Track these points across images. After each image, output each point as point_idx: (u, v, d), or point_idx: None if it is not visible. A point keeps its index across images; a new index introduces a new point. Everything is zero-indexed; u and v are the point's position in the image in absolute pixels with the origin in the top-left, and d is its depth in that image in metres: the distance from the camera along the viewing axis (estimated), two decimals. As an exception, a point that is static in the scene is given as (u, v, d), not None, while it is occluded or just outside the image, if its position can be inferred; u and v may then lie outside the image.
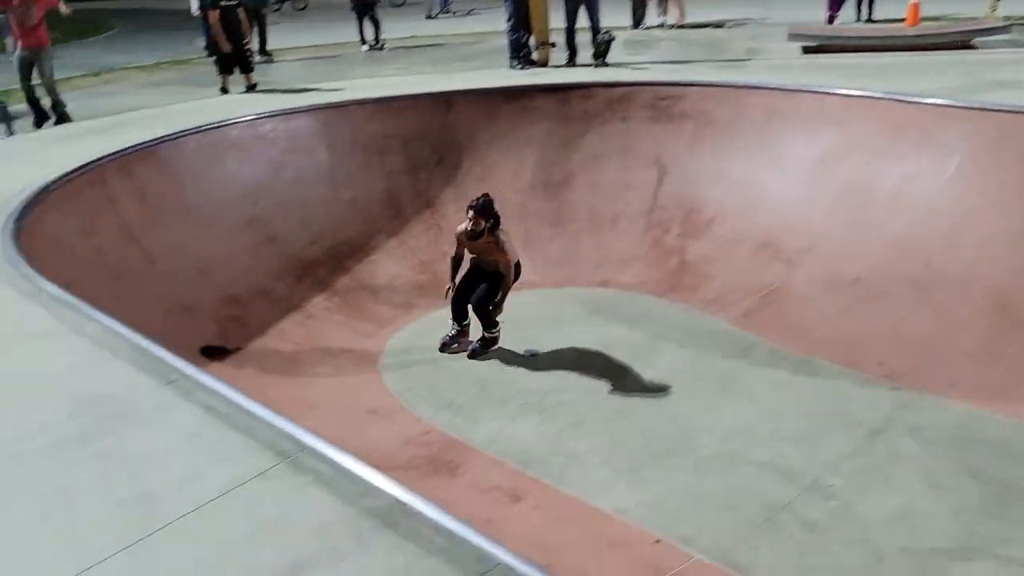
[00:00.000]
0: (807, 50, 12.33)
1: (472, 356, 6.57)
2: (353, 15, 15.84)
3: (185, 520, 2.39)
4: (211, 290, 6.92)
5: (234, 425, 2.88)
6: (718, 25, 17.25)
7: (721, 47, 13.35)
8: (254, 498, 2.47)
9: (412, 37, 17.86)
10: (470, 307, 6.57)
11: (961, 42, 11.94)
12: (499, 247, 6.34)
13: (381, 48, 16.02)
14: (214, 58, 10.83)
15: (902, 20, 13.77)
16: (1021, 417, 5.27)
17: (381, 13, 16.48)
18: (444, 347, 6.72)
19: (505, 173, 8.87)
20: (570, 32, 10.95)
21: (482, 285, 6.50)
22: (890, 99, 7.53)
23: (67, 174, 6.34)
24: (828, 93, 8.04)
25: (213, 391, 3.09)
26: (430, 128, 8.99)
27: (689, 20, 17.05)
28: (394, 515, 2.38)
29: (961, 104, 7.01)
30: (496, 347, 6.66)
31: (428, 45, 16.66)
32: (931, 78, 8.60)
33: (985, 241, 6.34)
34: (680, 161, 8.63)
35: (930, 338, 6.03)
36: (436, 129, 9.01)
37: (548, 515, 4.67)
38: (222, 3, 10.05)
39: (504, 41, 11.46)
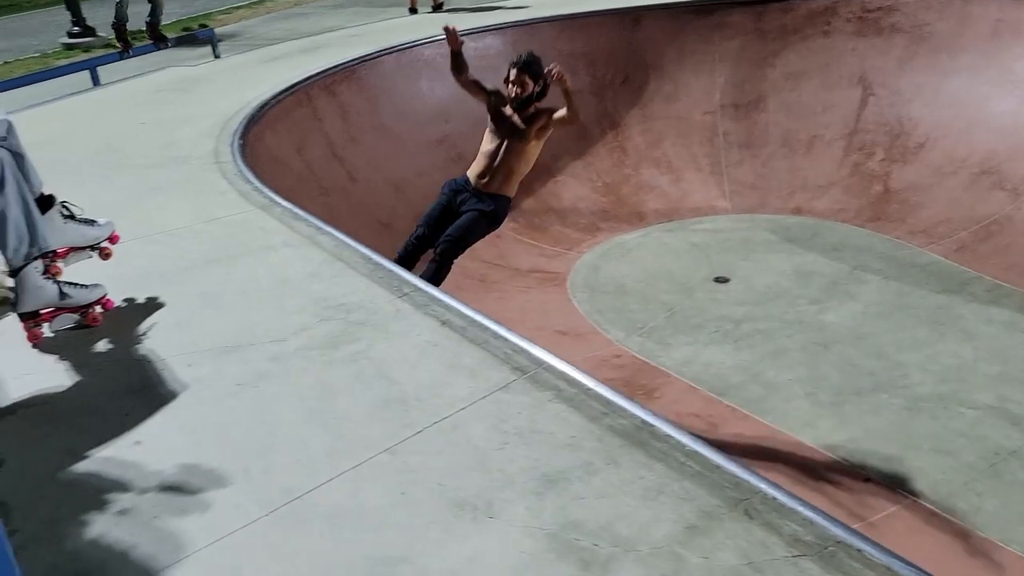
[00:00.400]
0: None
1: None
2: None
3: (439, 426, 2.49)
4: (405, 207, 7.12)
5: (470, 339, 2.96)
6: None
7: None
8: (501, 409, 2.54)
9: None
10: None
11: None
12: (545, 125, 4.74)
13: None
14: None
15: None
16: None
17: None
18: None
19: (694, 92, 8.55)
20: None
21: (467, 215, 4.81)
22: None
23: (278, 93, 6.64)
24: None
25: (447, 305, 3.19)
26: (617, 46, 8.75)
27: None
28: (641, 435, 2.39)
29: None
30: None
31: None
32: None
33: None
34: (888, 79, 8.01)
35: None
36: (623, 47, 8.76)
37: (749, 446, 4.60)
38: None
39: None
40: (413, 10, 10.64)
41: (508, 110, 4.85)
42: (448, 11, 10.43)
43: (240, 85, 7.20)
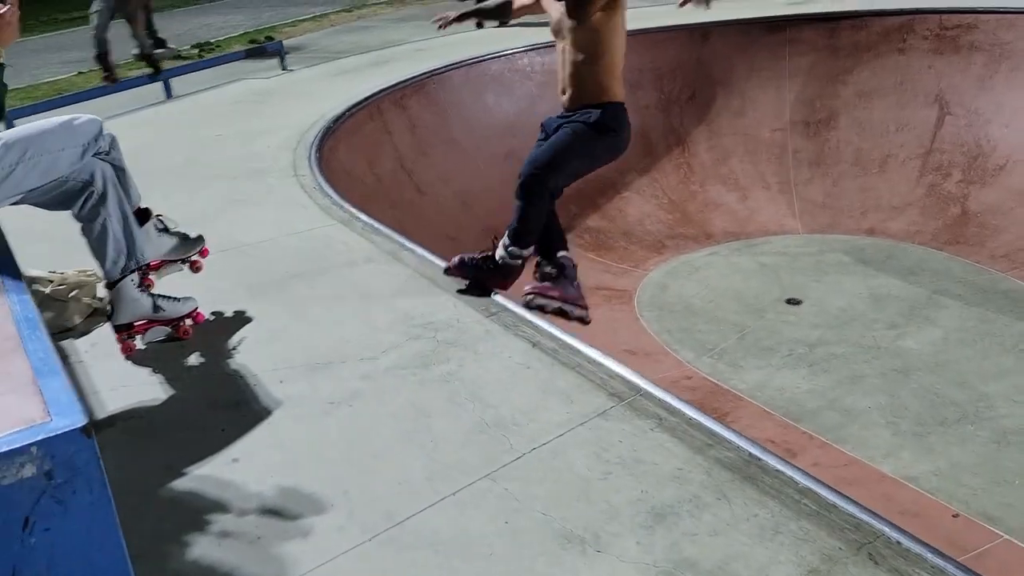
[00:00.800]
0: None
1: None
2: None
3: (538, 452, 2.45)
4: (472, 221, 7.13)
5: (563, 362, 2.92)
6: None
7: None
8: (601, 437, 2.49)
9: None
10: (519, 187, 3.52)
11: None
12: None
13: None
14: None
15: None
16: None
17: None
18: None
19: (763, 109, 8.42)
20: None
21: (557, 133, 3.62)
22: None
23: (351, 107, 6.69)
24: None
25: (537, 327, 3.15)
26: (685, 62, 8.67)
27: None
28: (751, 469, 2.32)
29: None
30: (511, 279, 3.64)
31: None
32: None
33: None
34: (966, 99, 7.79)
35: None
36: (691, 63, 8.67)
37: (830, 475, 4.44)
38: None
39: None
40: (479, 24, 10.68)
41: (549, 6, 3.79)
42: (514, 25, 10.45)
43: (312, 98, 7.29)
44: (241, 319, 3.43)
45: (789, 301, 6.35)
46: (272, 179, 5.20)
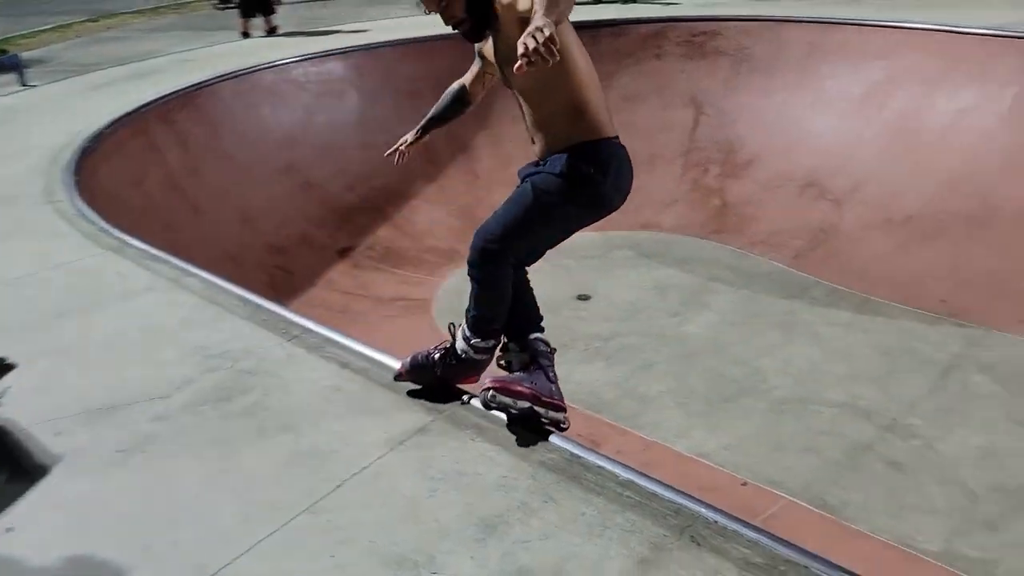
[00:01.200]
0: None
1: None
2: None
3: (360, 477, 2.35)
4: (256, 238, 6.82)
5: (376, 380, 2.83)
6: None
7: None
8: (424, 453, 2.43)
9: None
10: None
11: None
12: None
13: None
14: (236, 1, 10.50)
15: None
16: (1094, 351, 5.32)
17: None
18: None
19: (539, 115, 8.70)
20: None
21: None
22: (940, 30, 7.40)
23: (110, 124, 6.15)
24: (874, 25, 7.90)
25: (345, 346, 3.04)
26: (461, 69, 8.73)
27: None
28: (574, 468, 2.35)
29: (1015, 32, 6.90)
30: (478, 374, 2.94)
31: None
32: (977, 10, 8.44)
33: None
34: (716, 100, 8.51)
35: (991, 274, 6.02)
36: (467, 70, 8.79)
37: (634, 460, 4.65)
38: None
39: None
40: (246, 34, 10.23)
41: (485, 51, 3.11)
42: (283, 34, 10.11)
43: (63, 115, 6.63)
44: (2, 367, 3.03)
45: (580, 297, 6.60)
46: (23, 208, 4.64)
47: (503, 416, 2.58)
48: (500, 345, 2.85)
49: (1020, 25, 7.37)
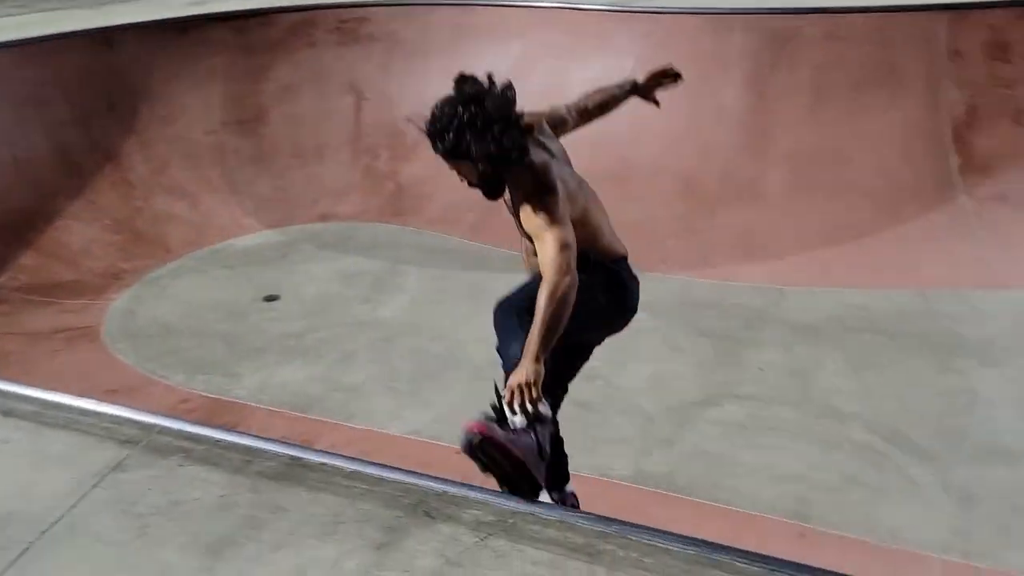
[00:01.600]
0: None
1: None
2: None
3: (52, 533, 2.07)
4: None
5: (50, 423, 2.50)
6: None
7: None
8: (125, 491, 2.20)
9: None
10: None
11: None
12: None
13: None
14: None
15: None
16: (722, 279, 6.23)
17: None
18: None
19: (192, 112, 8.20)
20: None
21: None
22: (565, 8, 8.11)
23: None
24: (508, 5, 8.44)
25: (4, 391, 2.64)
26: (94, 71, 7.95)
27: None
28: (295, 471, 2.27)
29: (629, 8, 7.78)
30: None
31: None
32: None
33: (665, 133, 7.19)
34: (377, 84, 8.60)
35: (637, 223, 6.74)
36: (101, 71, 7.99)
37: (352, 451, 4.62)
38: None
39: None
40: None
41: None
42: None
43: None
44: None
45: (267, 299, 6.37)
46: None
47: (210, 434, 2.42)
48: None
49: (632, 2, 8.35)
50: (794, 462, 4.29)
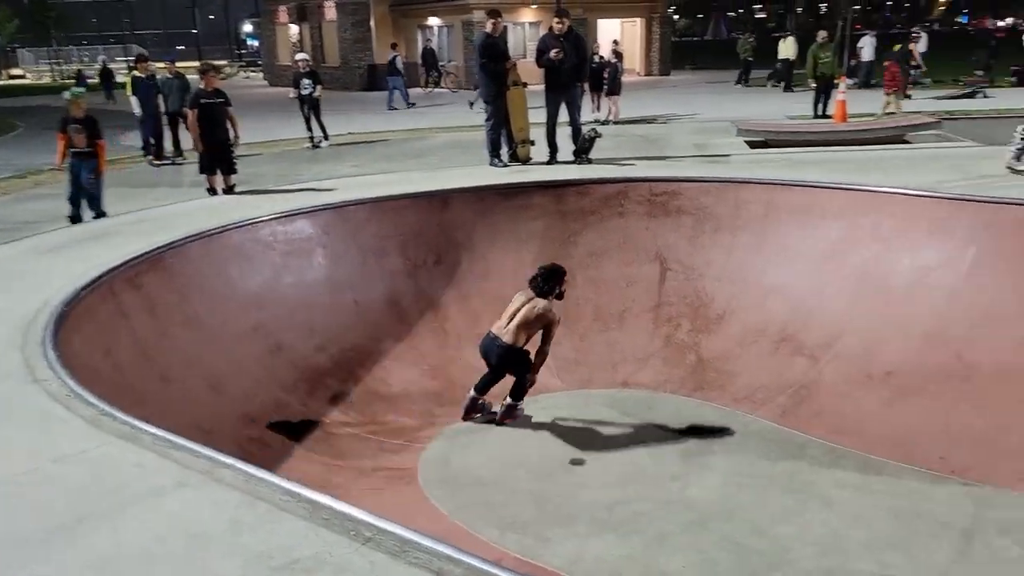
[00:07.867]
0: (753, 145, 12.87)
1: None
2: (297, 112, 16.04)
3: None
4: (226, 408, 6.36)
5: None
6: (650, 121, 17.97)
7: (667, 142, 13.83)
8: None
9: (347, 134, 17.84)
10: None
11: (897, 137, 12.75)
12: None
13: (317, 146, 16.16)
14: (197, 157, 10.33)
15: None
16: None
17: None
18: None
19: (505, 270, 8.67)
20: (551, 129, 11.02)
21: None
22: (894, 193, 7.83)
23: (80, 290, 5.74)
24: (827, 187, 8.33)
25: (432, 551, 2.70)
26: (427, 228, 8.77)
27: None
28: None
29: (967, 196, 7.36)
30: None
31: (368, 142, 16.62)
32: (918, 172, 9.02)
33: (1014, 329, 6.52)
34: (682, 255, 8.69)
35: (982, 431, 6.09)
36: (433, 228, 8.80)
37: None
38: (202, 100, 9.66)
39: (482, 137, 11.43)
40: (212, 191, 10.02)
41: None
42: (245, 192, 9.91)
43: (21, 281, 6.16)
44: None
45: (573, 462, 6.35)
46: (4, 388, 4.16)
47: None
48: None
49: (963, 187, 7.91)
50: None
